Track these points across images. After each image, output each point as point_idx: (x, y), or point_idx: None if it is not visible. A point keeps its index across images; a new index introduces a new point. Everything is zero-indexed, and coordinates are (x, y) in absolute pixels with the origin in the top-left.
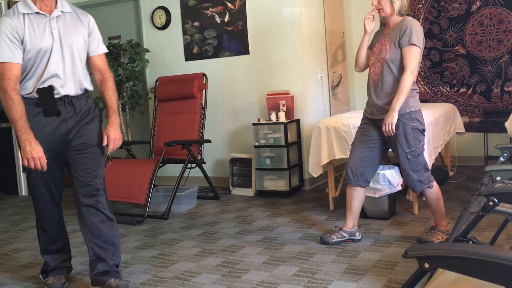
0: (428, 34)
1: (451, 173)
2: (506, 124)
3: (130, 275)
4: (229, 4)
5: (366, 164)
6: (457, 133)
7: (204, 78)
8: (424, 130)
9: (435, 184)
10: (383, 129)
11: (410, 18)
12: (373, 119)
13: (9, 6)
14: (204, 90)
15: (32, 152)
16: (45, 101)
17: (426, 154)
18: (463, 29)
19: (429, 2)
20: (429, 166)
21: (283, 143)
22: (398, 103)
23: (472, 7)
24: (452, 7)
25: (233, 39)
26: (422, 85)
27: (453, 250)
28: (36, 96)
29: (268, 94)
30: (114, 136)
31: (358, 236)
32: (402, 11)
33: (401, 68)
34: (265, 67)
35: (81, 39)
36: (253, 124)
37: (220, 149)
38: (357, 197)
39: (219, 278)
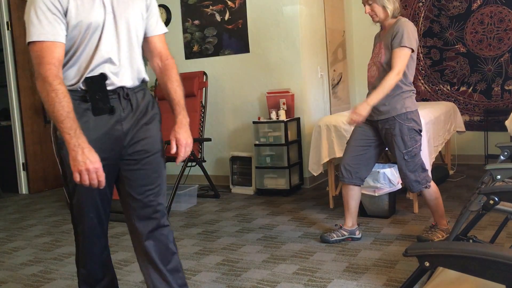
0: (428, 33)
1: (451, 172)
2: (507, 122)
3: (131, 273)
4: (229, 3)
5: (360, 162)
6: (457, 131)
7: (204, 76)
8: (421, 131)
9: (433, 184)
10: (350, 118)
11: (403, 20)
12: (370, 120)
13: (9, 5)
14: (204, 89)
15: (87, 162)
16: (95, 94)
17: (426, 153)
18: (464, 28)
19: (430, 1)
20: (429, 165)
21: (283, 141)
22: (375, 99)
23: (472, 6)
24: (453, 5)
25: (233, 38)
26: (422, 84)
27: (453, 249)
28: (83, 87)
29: (268, 93)
30: (185, 140)
31: (358, 234)
32: (395, 13)
33: None
34: (265, 66)
35: (138, 14)
36: (253, 122)
37: (220, 147)
38: (352, 195)
39: (219, 277)
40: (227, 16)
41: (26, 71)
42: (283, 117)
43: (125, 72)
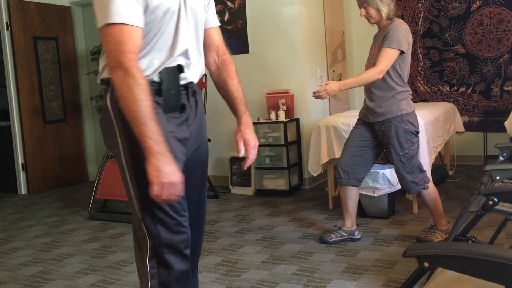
0: (427, 33)
1: (450, 173)
2: (506, 123)
3: (130, 274)
4: (229, 3)
5: (357, 163)
6: (456, 132)
7: (204, 77)
8: (418, 132)
9: (431, 185)
10: (318, 92)
11: (397, 21)
12: (367, 122)
13: (8, 5)
14: (203, 89)
15: (172, 175)
16: (170, 88)
17: (425, 154)
18: (463, 29)
19: (429, 1)
20: (429, 166)
21: (282, 142)
22: (346, 83)
23: (472, 7)
24: (452, 6)
25: (232, 38)
26: (421, 84)
27: (452, 249)
28: (157, 80)
29: (267, 93)
30: (254, 141)
31: (357, 235)
32: (390, 15)
33: (393, 70)
34: (264, 66)
35: (202, 4)
36: (253, 123)
37: (220, 148)
38: (350, 196)
39: (218, 277)
40: (226, 17)
41: (25, 71)
42: (282, 117)
43: (195, 66)
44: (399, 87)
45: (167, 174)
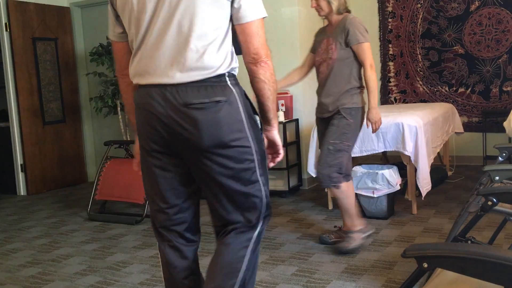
0: (426, 34)
1: (449, 173)
2: (505, 124)
3: (129, 275)
4: None
5: None
6: (455, 132)
7: None
8: (358, 130)
9: (345, 184)
10: (372, 128)
11: (350, 16)
12: (322, 118)
13: (7, 6)
14: None
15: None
16: None
17: (424, 154)
18: (462, 29)
19: (428, 2)
20: (428, 166)
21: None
22: (374, 100)
23: (470, 7)
24: (451, 7)
25: (233, 39)
26: (420, 85)
27: (452, 250)
28: None
29: None
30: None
31: None
32: (341, 9)
33: (354, 66)
34: None
35: None
36: None
37: None
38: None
39: None
40: None
41: (24, 72)
42: (281, 118)
43: None
44: (355, 82)
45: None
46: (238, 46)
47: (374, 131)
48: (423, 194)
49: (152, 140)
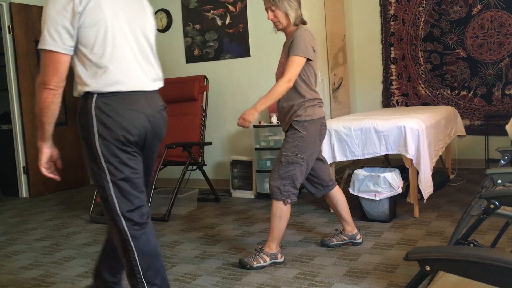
0: (428, 37)
1: (452, 176)
2: (507, 127)
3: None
4: (230, 7)
5: (315, 170)
6: (458, 136)
7: (205, 80)
8: (316, 142)
9: (287, 207)
10: (238, 122)
11: (301, 29)
12: (285, 131)
13: (10, 9)
14: (205, 92)
15: None
16: None
17: (426, 157)
18: (464, 32)
19: (430, 5)
20: (430, 169)
21: None
22: (260, 103)
23: (473, 10)
24: (453, 10)
25: (234, 42)
26: (422, 88)
27: (454, 253)
28: None
29: None
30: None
31: (359, 239)
32: (297, 21)
33: (303, 77)
34: (266, 70)
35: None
36: (254, 126)
37: (221, 151)
38: (336, 202)
39: (219, 281)
40: (228, 20)
41: (27, 75)
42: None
43: None
44: (308, 95)
45: None
46: None
47: (238, 123)
48: (425, 197)
49: None
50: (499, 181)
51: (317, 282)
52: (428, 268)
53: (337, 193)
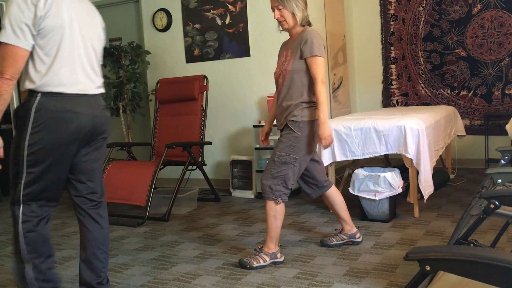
0: (429, 37)
1: (452, 176)
2: (507, 126)
3: (131, 277)
4: (230, 7)
5: (310, 171)
6: (458, 135)
7: (205, 80)
8: (310, 144)
9: (281, 206)
10: (323, 145)
11: (309, 29)
12: (280, 130)
13: None
14: (204, 92)
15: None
16: None
17: (426, 157)
18: (464, 32)
19: (430, 5)
20: (430, 169)
21: None
22: (323, 114)
23: (473, 10)
24: (453, 10)
25: (234, 41)
26: (422, 88)
27: (454, 253)
28: None
29: (269, 96)
30: None
31: (358, 238)
32: (304, 22)
33: (307, 78)
34: (266, 69)
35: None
36: (254, 126)
37: (221, 151)
38: (333, 202)
39: (219, 280)
40: (227, 20)
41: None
42: None
43: None
44: (307, 95)
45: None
46: None
47: (325, 147)
48: (425, 197)
49: None
50: (499, 181)
51: (317, 282)
52: (428, 268)
53: (333, 193)
